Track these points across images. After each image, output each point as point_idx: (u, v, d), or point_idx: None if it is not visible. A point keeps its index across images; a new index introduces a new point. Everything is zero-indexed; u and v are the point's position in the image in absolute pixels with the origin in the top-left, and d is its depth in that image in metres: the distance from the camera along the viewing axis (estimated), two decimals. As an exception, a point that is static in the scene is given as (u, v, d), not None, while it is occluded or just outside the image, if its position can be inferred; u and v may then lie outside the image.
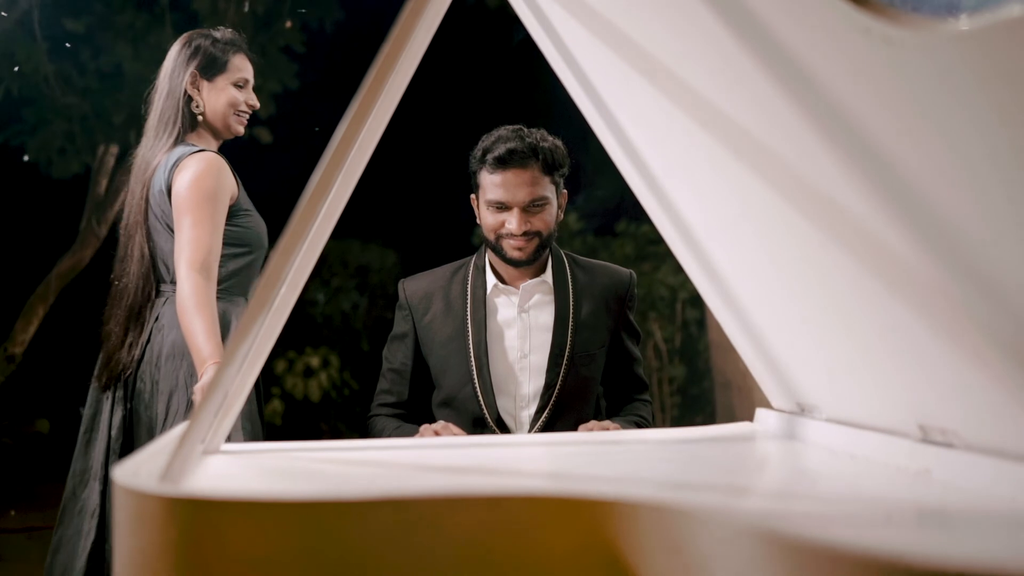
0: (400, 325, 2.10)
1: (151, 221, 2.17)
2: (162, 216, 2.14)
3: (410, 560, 0.78)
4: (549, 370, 1.97)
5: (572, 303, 2.02)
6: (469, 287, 2.04)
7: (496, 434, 1.94)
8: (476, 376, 1.96)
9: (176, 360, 2.07)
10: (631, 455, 1.35)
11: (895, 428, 1.13)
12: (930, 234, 0.84)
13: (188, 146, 2.16)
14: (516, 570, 0.81)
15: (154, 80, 2.25)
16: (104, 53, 6.33)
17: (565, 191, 2.05)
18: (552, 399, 1.96)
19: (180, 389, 2.06)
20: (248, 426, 2.09)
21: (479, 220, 2.04)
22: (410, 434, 1.92)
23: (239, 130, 2.26)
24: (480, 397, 1.95)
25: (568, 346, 1.99)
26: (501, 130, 2.00)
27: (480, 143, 2.00)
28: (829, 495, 1.01)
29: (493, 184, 1.95)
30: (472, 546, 0.80)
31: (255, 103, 2.27)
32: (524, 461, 1.32)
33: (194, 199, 2.05)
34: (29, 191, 6.46)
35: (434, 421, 2.01)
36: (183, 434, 1.02)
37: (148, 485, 0.84)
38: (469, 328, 2.00)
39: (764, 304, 1.36)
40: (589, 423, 1.87)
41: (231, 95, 2.22)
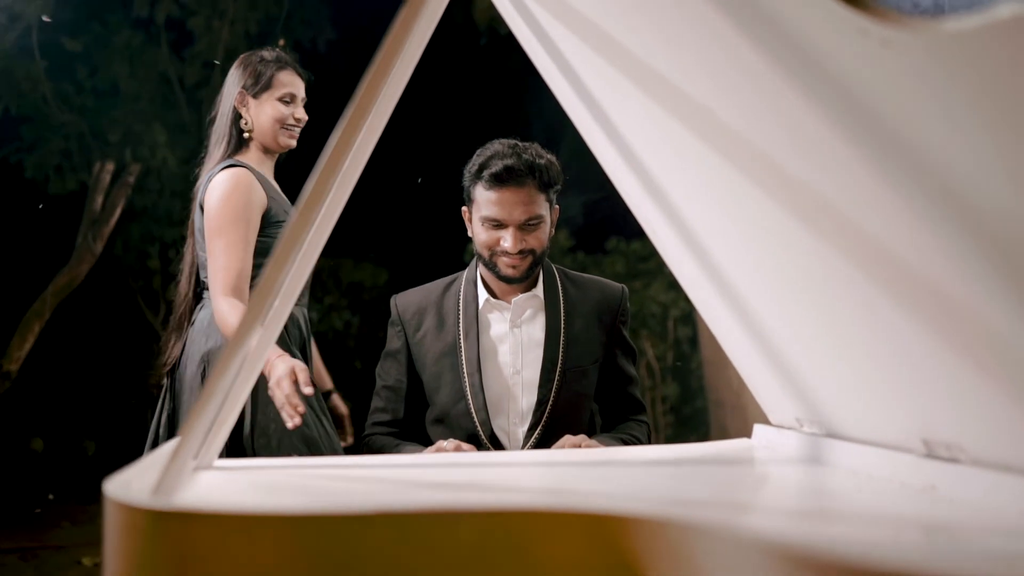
0: (393, 342, 2.07)
1: (196, 234, 2.26)
2: (199, 231, 2.22)
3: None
4: (541, 386, 1.95)
5: (564, 318, 2.00)
6: (461, 302, 2.02)
7: (490, 451, 1.91)
8: (469, 392, 1.94)
9: (195, 365, 2.16)
10: (629, 471, 1.33)
11: (898, 443, 1.10)
12: (932, 245, 0.82)
13: (225, 162, 2.22)
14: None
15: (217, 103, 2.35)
16: (101, 72, 6.35)
17: (557, 207, 2.03)
18: (545, 415, 1.93)
19: (193, 392, 2.15)
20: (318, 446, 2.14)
21: (470, 233, 2.02)
22: (413, 453, 1.89)
23: (289, 144, 2.31)
24: (474, 414, 1.93)
25: (560, 361, 1.97)
26: (496, 144, 1.97)
27: (475, 157, 1.97)
28: (831, 512, 1.00)
29: (488, 201, 1.93)
30: (471, 562, 0.78)
31: (303, 116, 2.32)
32: (522, 478, 1.30)
33: (223, 220, 2.12)
34: (28, 207, 6.45)
35: (427, 438, 1.99)
36: (175, 448, 1.00)
37: (139, 498, 0.82)
38: (462, 344, 1.98)
39: (762, 317, 1.34)
40: (563, 438, 1.85)
41: (277, 110, 2.26)
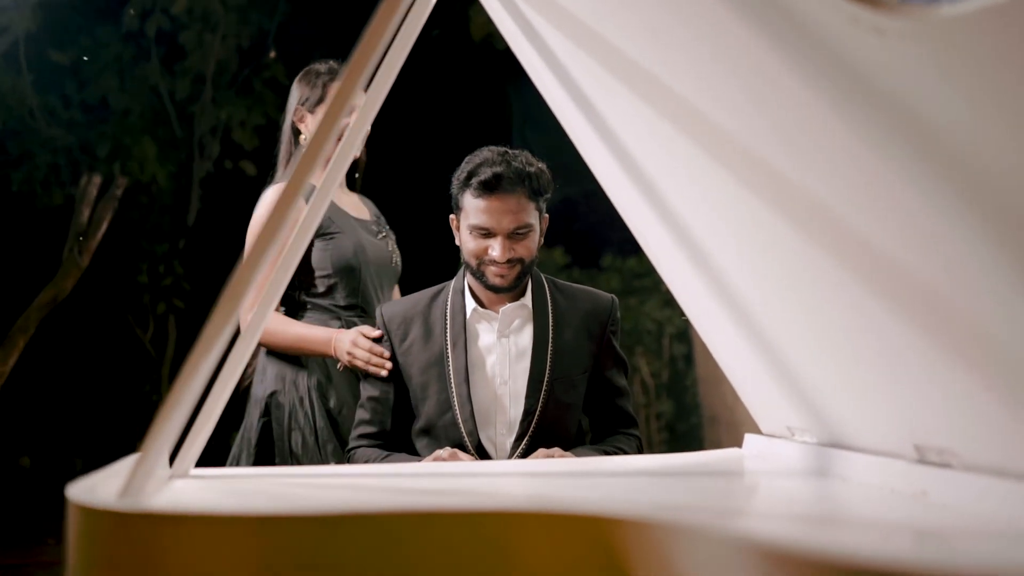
0: None
1: None
2: None
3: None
4: (529, 396, 1.92)
5: (552, 327, 1.97)
6: (448, 312, 1.99)
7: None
8: (457, 403, 1.91)
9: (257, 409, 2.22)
10: (615, 480, 1.31)
11: (890, 449, 1.09)
12: (926, 247, 0.81)
13: (278, 181, 2.28)
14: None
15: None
16: (90, 85, 6.32)
17: (547, 215, 2.01)
18: (532, 426, 1.91)
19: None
20: None
21: (458, 242, 1.99)
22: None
23: None
24: (461, 424, 1.90)
25: (548, 371, 1.94)
26: (486, 152, 1.95)
27: (464, 164, 1.95)
28: (821, 518, 0.98)
29: (477, 209, 1.90)
30: (449, 565, 0.75)
31: None
32: (503, 485, 1.28)
33: (252, 238, 2.16)
34: (14, 222, 6.40)
35: (414, 450, 1.96)
36: (141, 452, 0.97)
37: (102, 501, 0.79)
38: (449, 354, 1.95)
39: (754, 323, 1.32)
40: (536, 451, 1.83)
41: None
